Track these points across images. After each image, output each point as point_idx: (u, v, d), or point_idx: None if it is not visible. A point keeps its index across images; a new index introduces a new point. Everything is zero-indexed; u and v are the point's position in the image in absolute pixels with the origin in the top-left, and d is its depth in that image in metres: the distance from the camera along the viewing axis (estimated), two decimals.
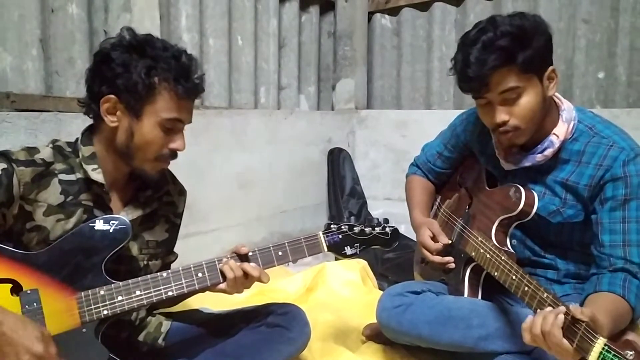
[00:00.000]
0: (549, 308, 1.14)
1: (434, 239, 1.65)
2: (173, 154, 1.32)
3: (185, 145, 1.32)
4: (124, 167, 1.33)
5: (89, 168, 1.28)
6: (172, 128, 1.28)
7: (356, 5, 3.68)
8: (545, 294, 1.18)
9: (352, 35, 3.71)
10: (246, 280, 1.32)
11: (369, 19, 3.84)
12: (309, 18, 3.59)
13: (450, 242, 1.64)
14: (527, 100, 1.36)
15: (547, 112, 1.43)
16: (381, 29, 3.84)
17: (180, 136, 1.31)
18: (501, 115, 1.38)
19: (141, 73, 1.21)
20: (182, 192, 1.53)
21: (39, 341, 1.03)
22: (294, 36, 3.42)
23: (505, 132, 1.41)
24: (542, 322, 1.09)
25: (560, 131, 1.42)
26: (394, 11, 3.74)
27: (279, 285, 2.39)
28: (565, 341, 1.05)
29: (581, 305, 1.30)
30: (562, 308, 1.08)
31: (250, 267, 1.32)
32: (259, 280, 1.34)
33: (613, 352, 0.98)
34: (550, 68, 1.39)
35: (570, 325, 1.06)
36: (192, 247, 1.59)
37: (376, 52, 3.87)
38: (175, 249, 1.57)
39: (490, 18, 1.38)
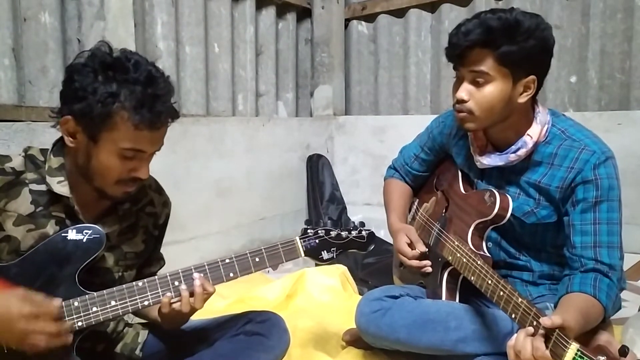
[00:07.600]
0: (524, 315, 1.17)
1: (411, 245, 1.65)
2: (136, 179, 1.25)
3: (147, 174, 1.26)
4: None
5: (53, 180, 1.24)
6: (133, 157, 1.21)
7: (333, 12, 3.71)
8: (520, 299, 1.19)
9: (329, 42, 3.73)
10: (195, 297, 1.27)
11: (346, 26, 3.87)
12: (285, 25, 3.60)
13: (426, 250, 1.64)
14: (491, 91, 1.37)
15: (522, 113, 1.45)
16: (358, 36, 3.86)
17: (143, 164, 1.24)
18: (462, 93, 1.41)
19: (99, 100, 1.14)
20: (166, 203, 1.49)
21: (23, 303, 1.06)
22: (271, 43, 3.43)
23: (460, 110, 1.44)
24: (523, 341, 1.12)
25: (534, 132, 1.44)
26: (370, 18, 3.78)
27: (259, 293, 2.38)
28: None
29: (555, 305, 1.33)
30: (530, 329, 1.12)
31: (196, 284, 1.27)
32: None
33: (586, 357, 1.00)
34: (531, 77, 1.38)
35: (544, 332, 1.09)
36: (170, 256, 1.57)
37: (353, 59, 3.90)
38: None
39: (510, 8, 1.38)
